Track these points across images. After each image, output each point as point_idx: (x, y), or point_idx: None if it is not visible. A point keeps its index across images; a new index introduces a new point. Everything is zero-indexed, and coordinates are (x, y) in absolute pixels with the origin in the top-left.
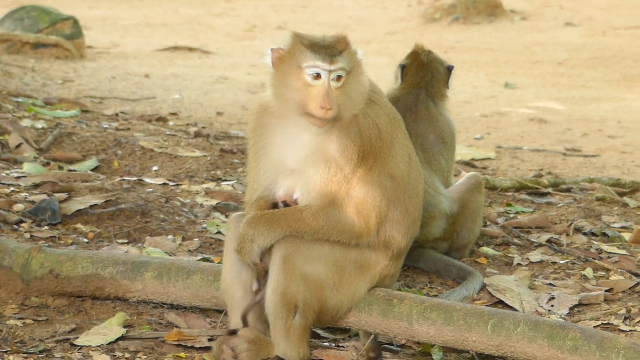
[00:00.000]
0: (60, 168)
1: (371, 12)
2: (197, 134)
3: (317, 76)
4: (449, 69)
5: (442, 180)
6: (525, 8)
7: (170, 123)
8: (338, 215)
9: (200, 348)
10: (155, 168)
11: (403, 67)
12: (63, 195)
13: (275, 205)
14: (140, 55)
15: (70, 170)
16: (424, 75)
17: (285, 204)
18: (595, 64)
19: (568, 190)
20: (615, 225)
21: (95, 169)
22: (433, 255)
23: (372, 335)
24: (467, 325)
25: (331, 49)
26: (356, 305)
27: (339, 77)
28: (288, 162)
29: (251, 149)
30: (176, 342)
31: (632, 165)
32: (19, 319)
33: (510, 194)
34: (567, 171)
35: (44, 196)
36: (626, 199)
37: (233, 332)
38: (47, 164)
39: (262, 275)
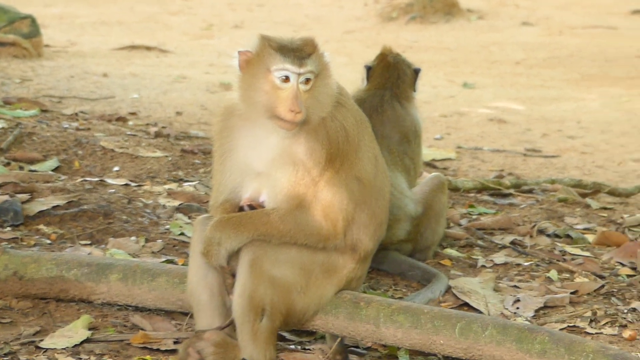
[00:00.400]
0: (21, 168)
1: (328, 10)
2: (157, 134)
3: (286, 79)
4: (416, 71)
5: (408, 180)
6: (481, 7)
7: (130, 123)
8: (305, 218)
9: (166, 351)
10: (116, 168)
11: (369, 69)
12: (25, 196)
13: (240, 209)
14: (97, 54)
15: (31, 171)
16: (389, 77)
17: (251, 208)
18: (553, 64)
19: (530, 191)
20: (579, 226)
21: (56, 169)
22: (397, 257)
23: (339, 339)
24: (434, 328)
25: (300, 51)
26: (323, 308)
27: (307, 80)
28: (254, 164)
29: (217, 152)
30: (142, 345)
31: (592, 166)
32: None
33: (472, 195)
34: (528, 172)
35: (6, 197)
36: (588, 200)
37: (199, 335)
38: (8, 164)
39: (229, 282)
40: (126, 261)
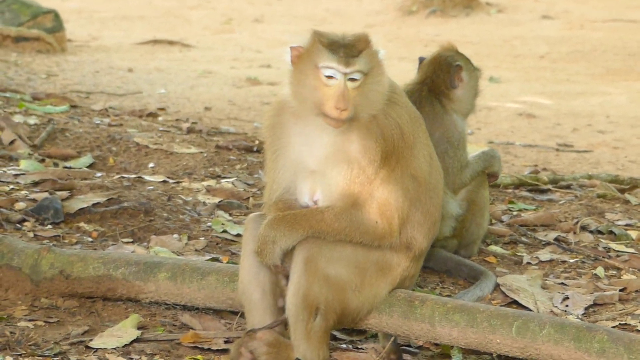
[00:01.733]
0: (56, 165)
1: (347, 4)
2: (190, 130)
3: (333, 77)
4: (457, 67)
5: (448, 180)
6: (500, 1)
7: (160, 118)
8: (361, 216)
9: (217, 350)
10: (151, 165)
11: (421, 61)
12: (65, 194)
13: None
14: (121, 49)
15: (66, 167)
16: (430, 72)
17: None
18: (577, 58)
19: (568, 187)
20: (620, 223)
21: (90, 166)
22: (443, 255)
23: (393, 338)
24: (491, 327)
25: (350, 49)
26: (376, 307)
27: (356, 78)
28: (308, 162)
29: (269, 149)
30: (192, 344)
31: (625, 161)
32: (30, 320)
33: (510, 191)
34: (562, 167)
35: (46, 194)
36: (627, 195)
37: (251, 334)
38: (42, 160)
39: (283, 283)
40: (174, 259)
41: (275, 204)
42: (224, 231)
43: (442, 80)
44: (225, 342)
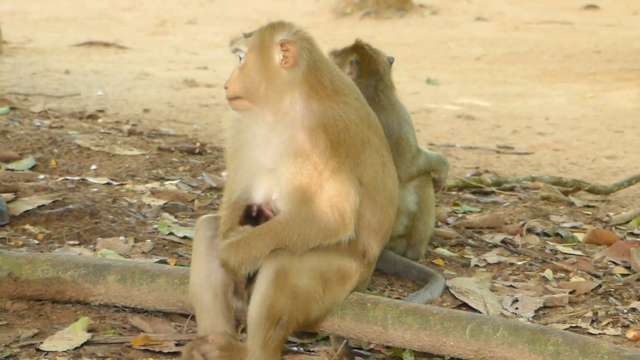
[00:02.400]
0: None
1: (279, 6)
2: (131, 132)
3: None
4: (390, 61)
5: (401, 165)
6: (433, 3)
7: (100, 120)
8: (312, 212)
9: (168, 353)
10: (94, 167)
11: (357, 62)
12: (10, 196)
13: (249, 209)
14: (56, 51)
15: (8, 170)
16: (376, 69)
17: (259, 210)
18: (513, 59)
19: (511, 189)
20: (566, 225)
21: (32, 168)
22: (392, 257)
23: (345, 340)
24: (444, 329)
25: (250, 31)
26: None
27: (240, 57)
28: (264, 161)
29: (228, 149)
30: (143, 347)
31: (566, 163)
32: None
33: (454, 193)
34: (503, 169)
35: None
36: (571, 197)
37: (204, 338)
38: None
39: (242, 287)
40: (124, 262)
41: (234, 204)
42: (171, 233)
43: (387, 74)
44: (176, 344)
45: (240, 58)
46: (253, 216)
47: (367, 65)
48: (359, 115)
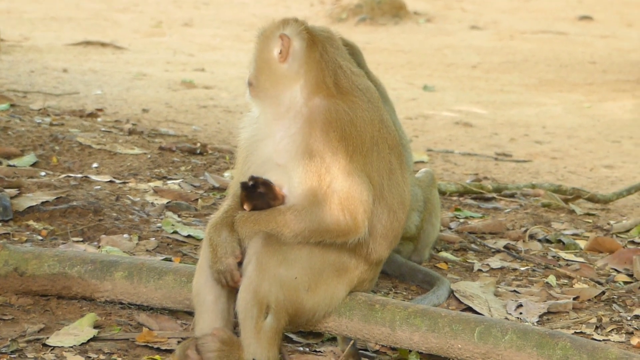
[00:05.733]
0: None
1: (274, 10)
2: (131, 131)
3: None
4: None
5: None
6: (428, 10)
7: (99, 119)
8: (321, 215)
9: (173, 350)
10: (95, 165)
11: None
12: (13, 191)
13: (243, 183)
14: (53, 50)
15: (10, 166)
16: (358, 60)
17: (254, 180)
18: (509, 68)
19: (512, 195)
20: (567, 232)
21: (34, 165)
22: (398, 260)
23: (352, 341)
24: (452, 332)
25: None
26: (336, 310)
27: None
28: (274, 156)
29: (239, 143)
30: (147, 344)
31: (565, 171)
32: None
33: (455, 198)
34: (502, 176)
35: None
36: (572, 205)
37: (200, 338)
38: None
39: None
40: (131, 259)
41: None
42: (175, 232)
43: (363, 64)
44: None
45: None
46: (250, 187)
47: None
48: (368, 115)
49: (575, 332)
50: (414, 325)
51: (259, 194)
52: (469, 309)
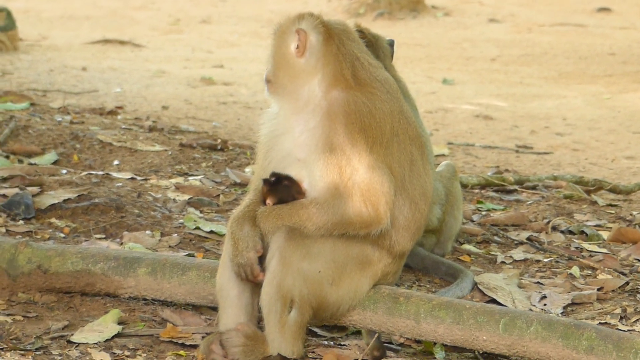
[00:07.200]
0: (20, 161)
1: (292, 6)
2: (152, 128)
3: None
4: (391, 44)
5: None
6: (446, 4)
7: (119, 117)
8: (344, 207)
9: (198, 346)
10: (116, 162)
11: (391, 44)
12: (35, 189)
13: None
14: (72, 48)
15: (31, 164)
16: (376, 53)
17: (276, 175)
18: (528, 61)
19: (533, 187)
20: (590, 223)
21: (55, 163)
22: (421, 253)
23: (377, 334)
24: (477, 324)
25: None
26: (360, 303)
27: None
28: (294, 151)
29: (260, 139)
30: (171, 339)
31: (586, 163)
32: (8, 315)
33: (477, 191)
34: (523, 168)
35: (16, 190)
36: (594, 196)
37: (224, 332)
38: (7, 157)
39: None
40: (154, 255)
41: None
42: (197, 228)
43: (387, 59)
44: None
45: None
46: (273, 182)
47: None
48: (387, 107)
49: (599, 323)
50: (439, 318)
51: (283, 187)
52: (493, 301)
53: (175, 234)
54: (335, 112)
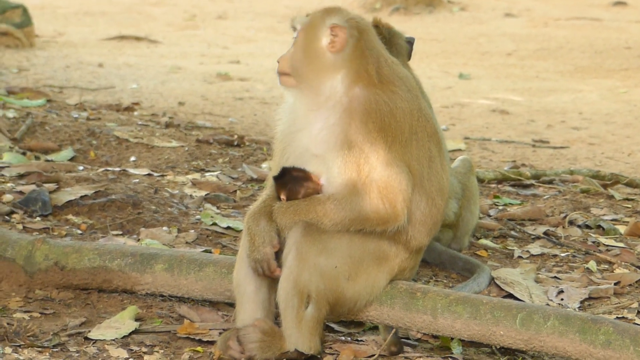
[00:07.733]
0: (37, 158)
1: (307, 2)
2: (168, 124)
3: None
4: (410, 42)
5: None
6: None
7: (136, 113)
8: (361, 204)
9: (215, 342)
10: (133, 158)
11: (410, 41)
12: (52, 186)
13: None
14: (88, 44)
15: (48, 161)
16: (389, 49)
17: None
18: (544, 55)
19: (550, 182)
20: (606, 217)
21: (72, 159)
22: (438, 248)
23: (394, 330)
24: (494, 319)
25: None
26: (378, 299)
27: (294, 36)
28: (311, 147)
29: (277, 134)
30: (188, 335)
31: (602, 157)
32: (25, 312)
33: (494, 185)
34: (540, 163)
35: (33, 187)
36: (611, 190)
37: (241, 328)
38: (23, 153)
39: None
40: (171, 251)
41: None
42: (214, 224)
43: (403, 56)
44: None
45: (294, 37)
46: (278, 177)
47: None
48: (407, 105)
49: (617, 317)
50: (456, 313)
51: (291, 178)
52: (510, 295)
53: (192, 230)
54: (355, 110)
